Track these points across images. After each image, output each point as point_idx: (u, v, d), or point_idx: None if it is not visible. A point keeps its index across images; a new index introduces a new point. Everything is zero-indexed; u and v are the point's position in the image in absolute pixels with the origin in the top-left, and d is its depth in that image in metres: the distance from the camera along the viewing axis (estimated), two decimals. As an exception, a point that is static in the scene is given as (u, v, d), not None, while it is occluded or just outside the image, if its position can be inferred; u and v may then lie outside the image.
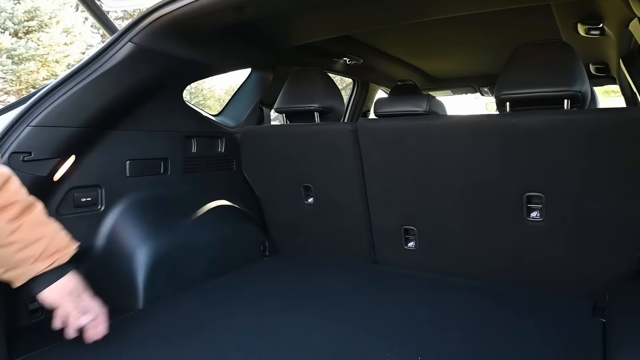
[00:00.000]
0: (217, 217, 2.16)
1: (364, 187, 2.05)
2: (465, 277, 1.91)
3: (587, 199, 1.55)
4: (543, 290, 1.75)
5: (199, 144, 2.19)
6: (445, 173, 1.79)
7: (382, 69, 3.28)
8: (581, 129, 1.48)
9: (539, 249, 1.71)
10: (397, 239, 2.05)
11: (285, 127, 2.14)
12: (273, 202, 2.39)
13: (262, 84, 2.52)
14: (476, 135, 1.67)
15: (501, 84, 1.69)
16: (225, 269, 2.10)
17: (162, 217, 1.92)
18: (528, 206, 1.68)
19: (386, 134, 1.87)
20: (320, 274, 2.09)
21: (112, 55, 1.59)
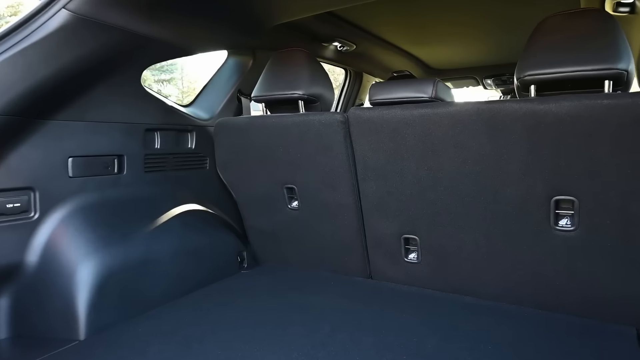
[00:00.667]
0: (184, 225, 1.84)
1: (357, 189, 1.74)
2: (478, 297, 1.61)
3: (632, 204, 1.25)
4: (575, 315, 1.45)
5: (163, 138, 1.87)
6: (454, 172, 1.49)
7: (377, 58, 2.97)
8: (628, 117, 1.18)
9: (570, 265, 1.41)
10: (396, 250, 1.74)
11: (265, 118, 1.82)
12: (252, 206, 2.07)
13: (240, 70, 2.19)
14: (493, 126, 1.37)
15: (524, 63, 1.38)
16: (193, 287, 1.78)
17: (113, 226, 1.59)
18: (556, 212, 1.38)
19: (383, 125, 1.56)
20: (306, 291, 1.77)
21: (42, 24, 1.27)
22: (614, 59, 1.23)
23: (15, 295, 1.43)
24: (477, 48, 3.00)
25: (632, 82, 1.31)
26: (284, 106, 1.92)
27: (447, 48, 3.01)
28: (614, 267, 1.34)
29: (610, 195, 1.28)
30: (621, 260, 1.33)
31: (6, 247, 1.38)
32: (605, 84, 1.27)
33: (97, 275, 1.46)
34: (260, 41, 2.12)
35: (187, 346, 1.33)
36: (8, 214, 1.38)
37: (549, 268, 1.45)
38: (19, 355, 1.36)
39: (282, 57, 1.88)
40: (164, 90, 11.59)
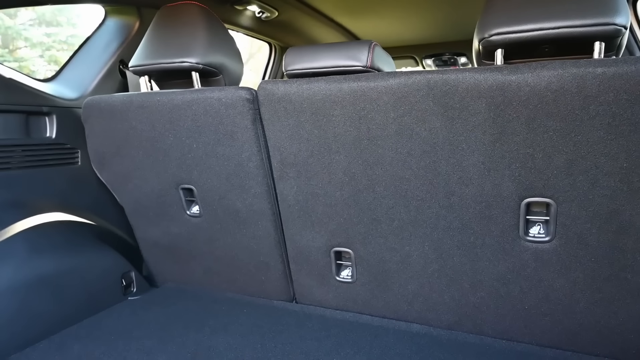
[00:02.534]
0: (35, 244, 1.33)
1: (274, 189, 1.32)
2: (428, 326, 1.27)
3: (626, 209, 0.95)
4: (547, 348, 1.15)
5: (3, 124, 1.33)
6: (397, 167, 1.11)
7: (305, 29, 2.55)
8: (628, 90, 0.86)
9: (543, 285, 1.09)
10: (325, 267, 1.35)
11: (147, 95, 1.34)
12: (142, 213, 1.58)
13: (123, 34, 1.68)
14: (448, 104, 1.00)
15: (488, 19, 1.02)
16: (51, 330, 1.29)
17: None
18: (527, 218, 1.05)
19: (303, 104, 1.15)
20: (212, 325, 1.35)
21: None
22: (609, 10, 0.90)
23: None
24: (416, 24, 2.67)
25: (624, 44, 1.00)
26: (176, 81, 1.45)
27: (383, 22, 2.65)
28: (597, 287, 1.04)
29: (598, 196, 0.96)
30: (606, 279, 1.03)
31: None
32: (596, 47, 0.94)
33: None
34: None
35: None
36: None
37: (516, 289, 1.13)
38: None
39: (170, 13, 1.40)
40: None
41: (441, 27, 2.76)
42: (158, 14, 1.41)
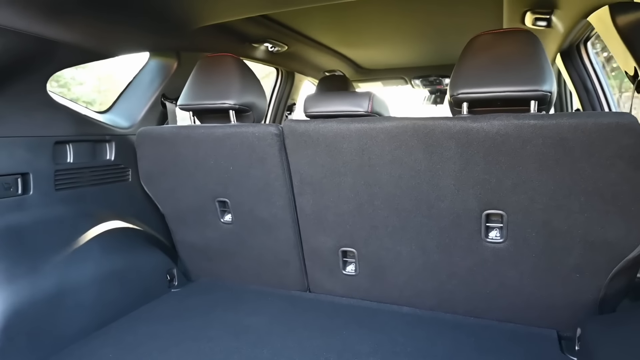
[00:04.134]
0: (105, 246, 1.68)
1: (294, 203, 1.68)
2: (414, 308, 1.64)
3: (554, 218, 1.32)
4: (504, 322, 1.52)
5: (77, 151, 1.68)
6: (390, 186, 1.48)
7: (309, 58, 2.91)
8: (551, 136, 1.24)
9: (499, 274, 1.47)
10: (334, 263, 1.72)
11: (193, 128, 1.70)
12: (182, 221, 1.94)
13: (164, 73, 2.03)
14: (428, 142, 1.38)
15: (457, 81, 1.40)
16: (119, 313, 1.64)
17: (19, 256, 1.40)
18: (487, 225, 1.43)
19: (319, 138, 1.52)
20: (241, 310, 1.70)
21: None
22: (540, 81, 1.28)
23: None
24: (405, 51, 3.05)
25: (554, 101, 1.38)
26: (214, 115, 1.81)
27: (377, 50, 3.02)
28: (538, 275, 1.42)
29: (535, 210, 1.34)
30: (544, 269, 1.41)
31: None
32: (532, 104, 1.32)
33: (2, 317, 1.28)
34: (185, 43, 1.97)
35: None
36: None
37: (480, 278, 1.50)
38: None
39: (211, 62, 1.76)
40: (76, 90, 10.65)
41: (427, 53, 3.13)
42: (200, 63, 1.77)
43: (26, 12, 1.23)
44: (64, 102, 1.64)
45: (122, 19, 1.55)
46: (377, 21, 2.33)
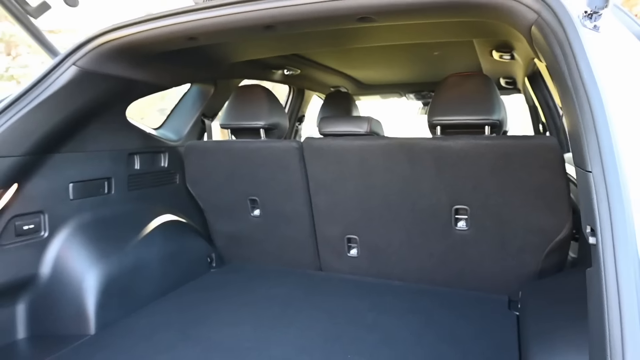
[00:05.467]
0: (163, 233, 2.17)
1: (310, 200, 2.17)
2: (403, 281, 2.13)
3: (503, 211, 1.82)
4: (469, 289, 2.01)
5: (142, 160, 2.17)
6: (384, 188, 1.97)
7: (317, 77, 3.40)
8: (498, 152, 1.73)
9: (466, 254, 1.96)
10: (341, 248, 2.21)
11: (231, 142, 2.19)
12: (218, 214, 2.43)
13: (203, 96, 2.53)
14: (411, 155, 1.87)
15: (433, 110, 1.89)
16: (175, 285, 2.13)
17: (109, 239, 1.89)
18: (456, 217, 1.92)
19: (330, 152, 2.01)
20: (267, 284, 2.19)
21: (56, 79, 1.54)
22: (491, 112, 1.78)
23: (30, 301, 1.70)
24: (400, 71, 3.53)
25: (504, 125, 1.87)
26: (247, 132, 2.29)
27: (375, 70, 3.51)
28: (493, 254, 1.91)
29: (490, 205, 1.83)
30: (497, 249, 1.90)
31: (23, 262, 1.65)
32: (486, 128, 1.82)
33: (101, 281, 1.77)
34: (222, 74, 2.47)
35: (184, 333, 1.70)
36: (25, 235, 1.64)
37: (451, 256, 1.99)
38: (38, 352, 1.64)
39: (245, 91, 2.25)
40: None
41: (418, 73, 3.62)
42: (236, 91, 2.26)
43: (121, 64, 1.72)
44: (134, 123, 2.13)
45: (183, 62, 2.04)
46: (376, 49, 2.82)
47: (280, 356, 1.53)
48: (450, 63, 3.07)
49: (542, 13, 0.99)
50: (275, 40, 1.93)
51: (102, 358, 1.55)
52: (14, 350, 1.64)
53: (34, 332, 1.70)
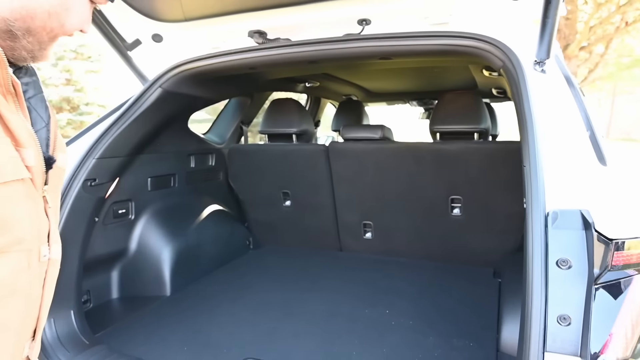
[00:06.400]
0: (213, 220, 2.66)
1: (333, 193, 2.66)
2: (408, 258, 2.62)
3: (489, 201, 2.31)
4: (462, 263, 2.51)
5: (196, 159, 2.66)
6: (394, 182, 2.46)
7: (332, 88, 3.89)
8: (485, 154, 2.22)
9: (459, 235, 2.45)
10: (358, 232, 2.70)
11: (268, 146, 2.68)
12: (255, 205, 2.92)
13: (242, 107, 3.02)
14: (416, 156, 2.36)
15: (433, 120, 2.39)
16: (223, 261, 2.63)
17: (176, 223, 2.38)
18: (451, 205, 2.41)
19: (351, 153, 2.50)
20: (297, 262, 2.68)
21: (147, 98, 2.03)
22: (479, 122, 2.27)
23: (121, 269, 2.20)
24: (404, 82, 4.02)
25: (490, 131, 2.37)
26: (281, 137, 2.78)
27: (383, 81, 4.00)
28: (481, 236, 2.40)
29: (478, 196, 2.32)
30: (484, 231, 2.39)
31: (118, 238, 2.15)
32: (475, 135, 2.31)
33: (173, 255, 2.26)
34: (257, 88, 2.96)
35: (235, 297, 2.19)
36: (119, 217, 2.14)
37: (448, 238, 2.48)
38: (125, 309, 2.13)
39: (279, 103, 2.74)
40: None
41: (421, 83, 4.11)
42: (272, 103, 2.75)
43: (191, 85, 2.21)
44: (191, 129, 2.63)
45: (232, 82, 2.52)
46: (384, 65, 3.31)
47: (317, 310, 2.02)
48: (448, 76, 3.55)
49: (506, 62, 1.48)
50: (303, 69, 2.43)
51: (176, 314, 2.04)
52: (110, 306, 2.13)
53: (124, 293, 2.19)
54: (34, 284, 0.79)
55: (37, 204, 0.77)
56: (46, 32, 0.78)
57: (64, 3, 0.78)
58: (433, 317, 1.92)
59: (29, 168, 0.74)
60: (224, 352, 1.67)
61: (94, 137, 1.86)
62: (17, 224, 0.72)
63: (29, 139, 0.75)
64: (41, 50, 0.79)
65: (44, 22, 0.76)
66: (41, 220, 0.79)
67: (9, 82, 0.72)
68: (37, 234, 0.77)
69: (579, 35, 9.20)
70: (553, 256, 1.04)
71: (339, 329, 1.85)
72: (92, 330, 1.79)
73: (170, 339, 1.79)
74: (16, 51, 0.76)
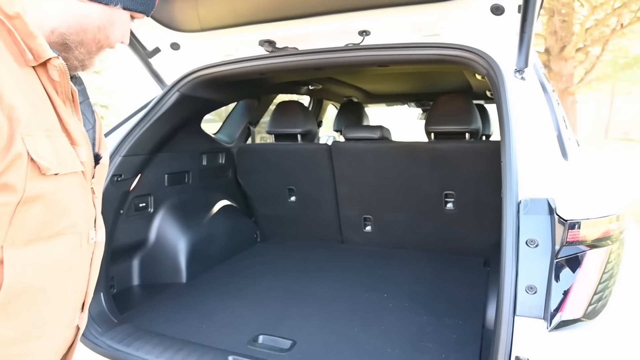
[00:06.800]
0: (223, 214, 2.85)
1: (335, 189, 2.86)
2: (405, 249, 2.82)
3: (479, 195, 2.50)
4: (455, 253, 2.70)
5: (208, 158, 2.86)
6: (392, 179, 2.66)
7: (334, 90, 4.09)
8: (475, 152, 2.41)
9: (452, 228, 2.65)
10: (359, 225, 2.90)
11: (275, 145, 2.88)
12: (262, 200, 3.12)
13: (250, 108, 3.22)
14: (413, 155, 2.55)
15: (428, 121, 2.58)
16: (233, 252, 2.83)
17: (190, 216, 2.58)
18: (445, 200, 2.60)
19: (352, 152, 2.69)
20: (301, 253, 2.88)
21: (166, 101, 2.22)
22: (470, 123, 2.47)
23: (141, 258, 2.39)
24: (402, 84, 4.21)
25: (479, 133, 2.56)
26: (287, 137, 2.98)
27: (382, 84, 4.19)
28: (473, 228, 2.60)
29: (469, 191, 2.51)
30: (475, 223, 2.58)
31: (138, 229, 2.34)
32: (467, 135, 2.50)
33: (187, 246, 2.46)
34: (264, 91, 3.16)
35: (245, 284, 2.39)
36: (140, 210, 2.33)
37: (442, 230, 2.68)
38: (146, 294, 2.32)
39: (285, 105, 2.94)
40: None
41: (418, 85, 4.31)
42: (278, 105, 2.95)
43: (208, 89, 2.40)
44: (204, 130, 2.82)
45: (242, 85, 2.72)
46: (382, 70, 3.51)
47: (321, 294, 2.22)
48: (444, 79, 3.75)
49: (489, 70, 1.67)
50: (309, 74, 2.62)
51: (192, 298, 2.23)
52: (131, 292, 2.32)
53: (143, 280, 2.39)
54: (83, 262, 0.91)
55: (87, 194, 0.89)
56: (95, 44, 0.89)
57: (111, 18, 0.89)
58: (426, 300, 2.11)
59: (82, 163, 0.85)
60: (239, 329, 1.86)
61: (120, 136, 2.06)
62: (73, 209, 0.83)
63: (82, 138, 0.86)
64: (90, 59, 0.91)
65: (94, 35, 0.88)
66: (90, 208, 0.90)
67: (69, 90, 0.83)
68: (86, 220, 0.89)
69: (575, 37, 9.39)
70: (523, 237, 1.23)
71: (341, 309, 2.04)
72: (119, 312, 1.98)
73: (190, 318, 1.98)
74: (69, 61, 0.87)
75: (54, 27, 0.83)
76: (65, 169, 0.78)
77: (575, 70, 9.96)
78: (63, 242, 0.81)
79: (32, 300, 0.77)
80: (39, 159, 0.71)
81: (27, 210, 0.72)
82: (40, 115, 0.75)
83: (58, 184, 0.77)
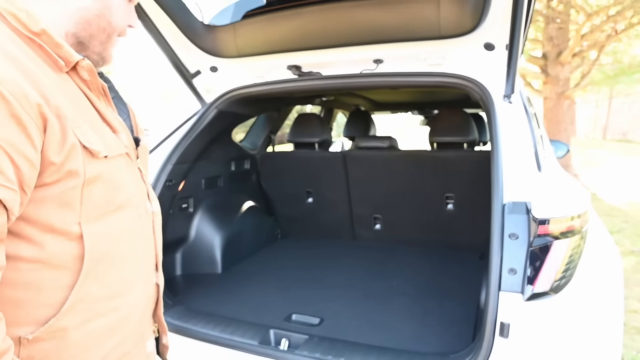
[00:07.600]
0: (249, 214, 3.22)
1: (348, 192, 3.23)
2: (410, 245, 3.19)
3: (475, 198, 2.86)
4: (455, 248, 3.07)
5: (235, 164, 3.23)
6: (399, 183, 3.03)
7: (344, 100, 4.46)
8: (472, 160, 2.78)
9: (452, 226, 3.01)
10: (369, 223, 3.27)
11: (295, 152, 3.25)
12: (283, 202, 3.49)
13: (270, 119, 3.59)
14: (418, 162, 2.92)
15: (431, 132, 2.95)
16: (258, 247, 3.20)
17: (223, 215, 2.95)
18: (446, 202, 2.97)
19: (364, 159, 3.06)
20: (318, 249, 3.25)
21: (207, 117, 2.59)
22: (467, 134, 2.83)
23: (183, 251, 2.76)
24: (406, 95, 4.59)
25: (476, 142, 2.93)
26: (305, 145, 3.34)
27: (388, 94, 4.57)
28: (470, 226, 2.96)
29: (467, 193, 2.88)
30: (472, 222, 2.95)
31: (181, 226, 2.71)
32: (465, 145, 2.87)
33: (222, 241, 2.83)
34: (284, 105, 3.53)
35: (272, 275, 2.75)
36: (183, 210, 2.70)
37: (444, 228, 3.05)
38: (189, 282, 2.69)
39: (304, 117, 3.31)
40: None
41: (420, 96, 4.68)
42: (298, 117, 3.32)
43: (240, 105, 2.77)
44: (232, 139, 3.19)
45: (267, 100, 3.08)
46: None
47: (339, 282, 2.59)
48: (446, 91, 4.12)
49: (482, 95, 2.04)
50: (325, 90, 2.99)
51: (228, 285, 2.60)
52: (175, 281, 2.69)
53: (185, 271, 2.76)
54: (146, 228, 1.02)
55: (135, 172, 0.99)
56: (102, 32, 0.94)
57: (106, 3, 0.93)
58: (429, 288, 2.48)
59: (125, 147, 0.95)
60: (274, 310, 2.23)
61: (170, 147, 2.43)
62: (126, 186, 0.94)
63: (120, 126, 0.96)
64: (105, 50, 0.97)
65: (97, 23, 0.93)
66: (140, 184, 1.01)
67: (99, 85, 0.92)
68: (139, 194, 1.00)
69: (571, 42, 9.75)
70: (507, 231, 1.60)
71: (357, 295, 2.41)
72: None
73: (231, 302, 2.35)
74: (90, 58, 0.93)
75: (67, 31, 0.90)
76: (113, 152, 0.89)
77: (571, 75, 10.32)
78: (125, 214, 0.93)
79: (111, 263, 0.89)
80: (90, 145, 0.82)
81: (91, 191, 0.84)
82: (81, 111, 0.85)
83: (109, 165, 0.88)
